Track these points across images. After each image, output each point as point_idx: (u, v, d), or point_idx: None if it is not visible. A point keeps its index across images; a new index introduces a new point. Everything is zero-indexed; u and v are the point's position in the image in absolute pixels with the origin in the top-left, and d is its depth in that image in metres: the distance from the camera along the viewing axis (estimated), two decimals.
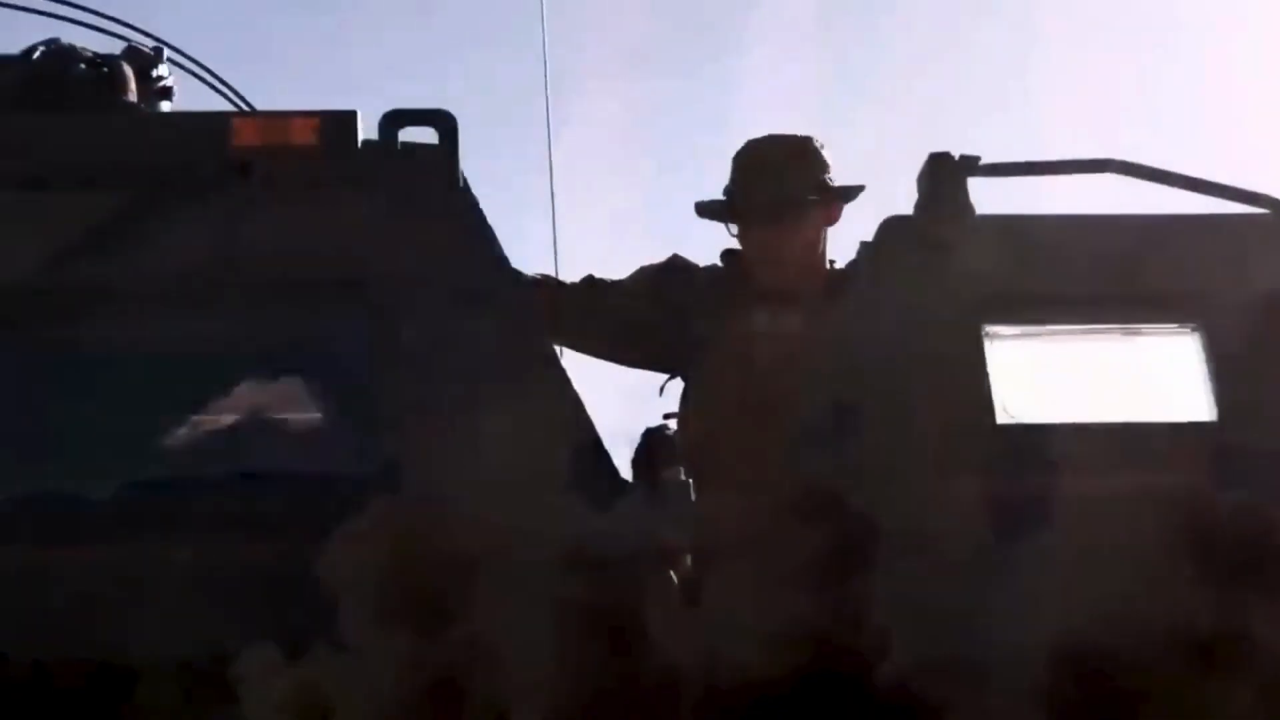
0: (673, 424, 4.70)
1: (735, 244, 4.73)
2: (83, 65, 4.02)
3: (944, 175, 3.81)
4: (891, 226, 3.82)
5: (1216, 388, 3.73)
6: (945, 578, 3.53)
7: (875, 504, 3.58)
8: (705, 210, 4.74)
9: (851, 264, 4.61)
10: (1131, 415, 3.72)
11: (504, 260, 3.66)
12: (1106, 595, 3.54)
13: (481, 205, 3.73)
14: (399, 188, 3.68)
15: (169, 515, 3.43)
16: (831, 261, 4.69)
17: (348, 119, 3.71)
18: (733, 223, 4.71)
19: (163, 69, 4.15)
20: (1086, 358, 3.81)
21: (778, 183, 4.62)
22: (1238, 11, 11.97)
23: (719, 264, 4.77)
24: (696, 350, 4.60)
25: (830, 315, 4.48)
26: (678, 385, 4.72)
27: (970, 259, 3.78)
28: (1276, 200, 3.78)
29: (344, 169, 3.68)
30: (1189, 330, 3.78)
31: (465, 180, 3.72)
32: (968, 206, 3.83)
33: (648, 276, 4.69)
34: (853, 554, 3.55)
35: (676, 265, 4.71)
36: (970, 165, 3.82)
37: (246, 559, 3.40)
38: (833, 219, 4.68)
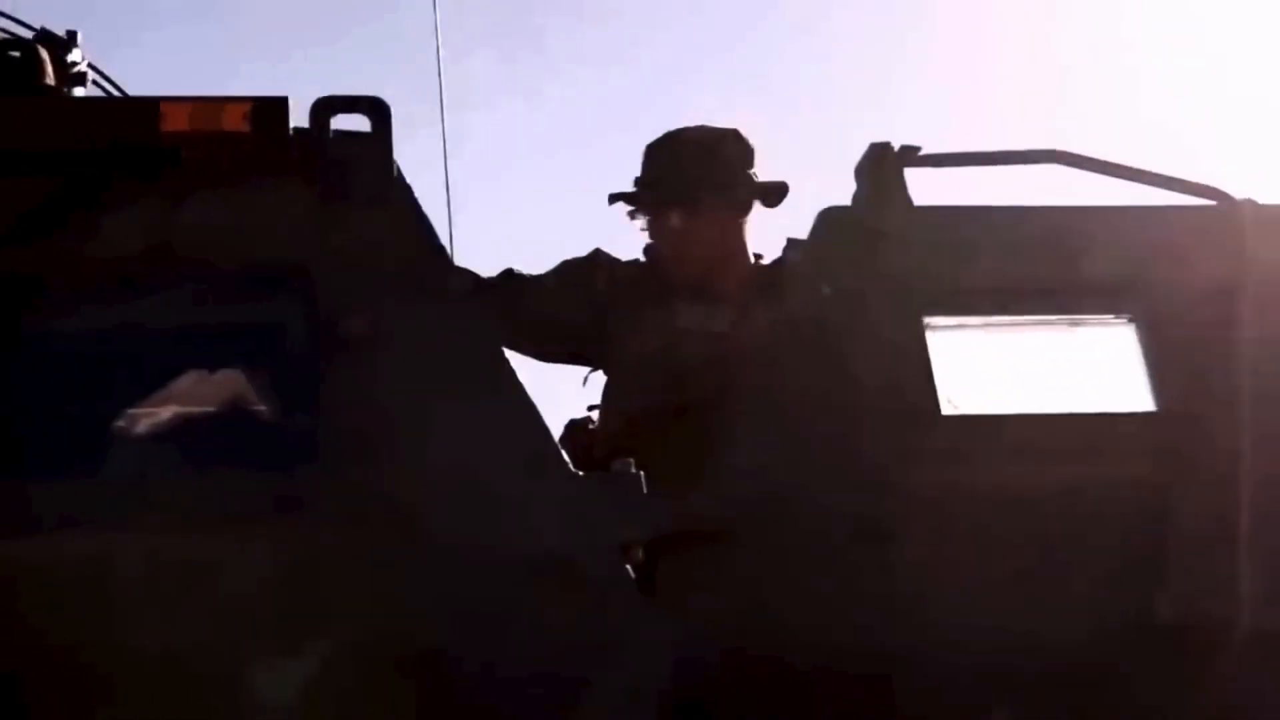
0: (596, 415, 4.66)
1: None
2: None
3: (884, 166, 3.78)
4: (830, 217, 3.78)
5: (1155, 379, 3.74)
6: (898, 570, 3.53)
7: (825, 497, 3.57)
8: (614, 199, 4.70)
9: (778, 260, 4.60)
10: (1073, 406, 3.72)
11: (442, 249, 3.59)
12: (1056, 585, 3.55)
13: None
14: (334, 176, 3.58)
15: (108, 508, 3.32)
16: (758, 256, 4.66)
17: (279, 105, 3.61)
18: (640, 214, 4.67)
19: (76, 54, 4.03)
20: (1027, 348, 3.81)
21: (686, 173, 4.58)
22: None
23: (641, 259, 4.73)
24: (618, 346, 4.55)
25: (756, 312, 4.49)
26: (600, 377, 4.67)
27: (910, 250, 3.76)
28: (1220, 191, 3.80)
29: (277, 156, 3.58)
30: (1127, 321, 3.78)
31: (399, 168, 3.64)
32: (905, 198, 3.81)
33: (570, 271, 4.62)
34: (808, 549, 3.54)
35: (599, 260, 4.65)
36: (910, 156, 3.79)
37: (188, 552, 3.30)
38: (745, 212, 4.65)
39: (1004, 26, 12.76)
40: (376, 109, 3.64)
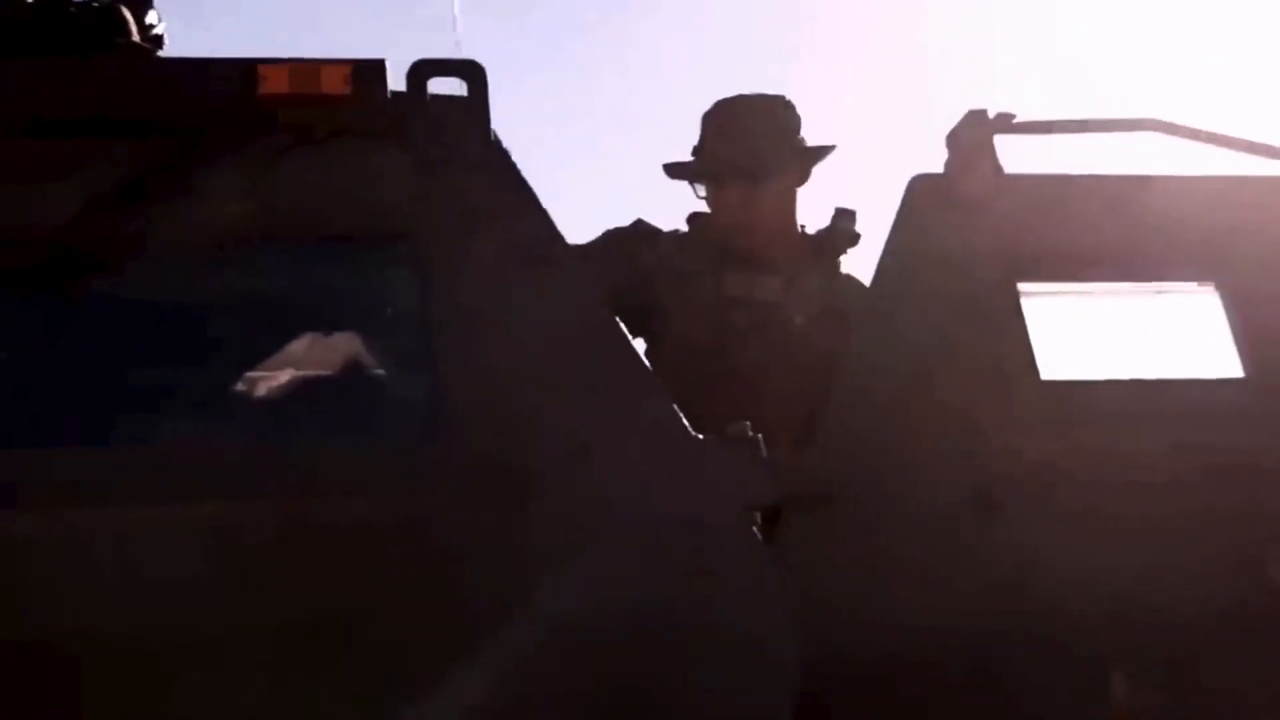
0: None
1: (702, 206, 4.70)
2: (71, 9, 3.83)
3: (977, 132, 3.79)
4: (922, 185, 3.79)
5: (1242, 345, 3.77)
6: (1010, 536, 3.54)
7: (932, 464, 3.58)
8: (674, 171, 4.69)
9: (827, 229, 4.62)
10: (1165, 372, 3.75)
11: (548, 214, 3.56)
12: (1166, 550, 3.58)
13: None
14: (434, 140, 3.55)
15: (225, 474, 3.26)
16: (802, 226, 4.67)
17: (378, 68, 3.57)
18: (702, 183, 4.67)
19: (152, 16, 3.96)
20: (1116, 314, 3.84)
21: (750, 145, 4.58)
22: None
23: (684, 228, 4.72)
24: (664, 315, 4.54)
25: (804, 280, 4.50)
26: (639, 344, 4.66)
27: (1002, 217, 3.78)
28: None
29: (377, 120, 3.54)
30: (1213, 288, 3.82)
31: (496, 134, 3.62)
32: (996, 165, 3.82)
33: (614, 241, 4.61)
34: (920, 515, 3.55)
35: (642, 229, 4.65)
36: (1004, 123, 3.80)
37: (301, 520, 3.26)
38: (804, 180, 4.67)
39: None
40: (473, 73, 3.61)
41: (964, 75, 11.30)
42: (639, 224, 4.64)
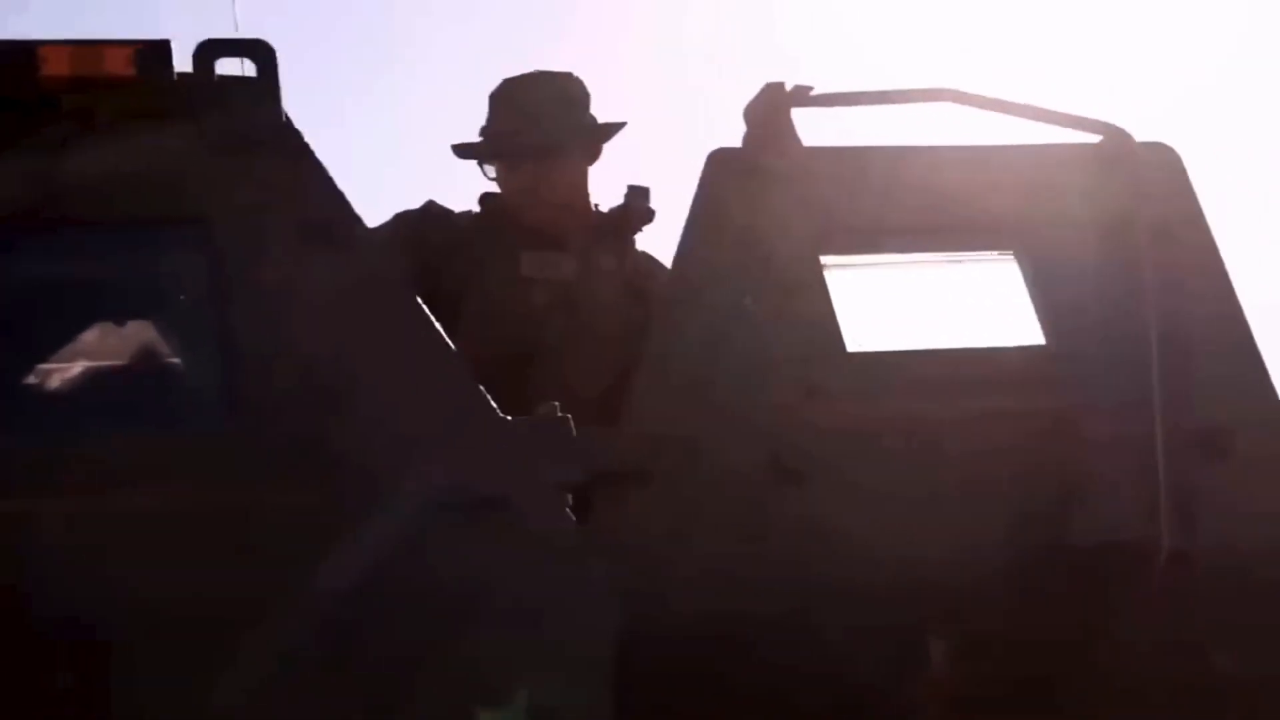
0: None
1: (493, 187, 4.65)
2: None
3: (775, 106, 3.78)
4: (721, 159, 3.77)
5: (1042, 313, 3.80)
6: (815, 506, 3.54)
7: (739, 438, 3.56)
8: (463, 151, 4.63)
9: (621, 206, 4.59)
10: (968, 341, 3.77)
11: (343, 195, 3.48)
12: (971, 515, 3.60)
13: None
14: (224, 121, 3.46)
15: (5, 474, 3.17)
16: (596, 204, 4.64)
17: (163, 48, 3.47)
18: (492, 164, 4.61)
19: None
20: (919, 285, 3.85)
21: (539, 122, 4.54)
22: None
23: (477, 208, 4.67)
24: (459, 298, 4.48)
25: (599, 258, 4.48)
26: None
27: (802, 190, 3.77)
28: (1110, 126, 3.86)
29: (163, 102, 3.45)
30: (1014, 257, 3.84)
31: (287, 113, 3.54)
32: (794, 138, 3.82)
33: (405, 224, 4.55)
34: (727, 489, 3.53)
35: (433, 211, 4.59)
36: (801, 96, 3.80)
37: (92, 514, 3.16)
38: (594, 157, 4.64)
39: None
40: (261, 52, 3.53)
41: (757, 51, 11.30)
42: (430, 206, 4.58)
